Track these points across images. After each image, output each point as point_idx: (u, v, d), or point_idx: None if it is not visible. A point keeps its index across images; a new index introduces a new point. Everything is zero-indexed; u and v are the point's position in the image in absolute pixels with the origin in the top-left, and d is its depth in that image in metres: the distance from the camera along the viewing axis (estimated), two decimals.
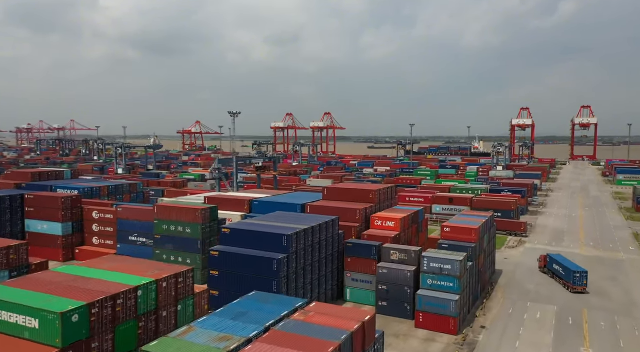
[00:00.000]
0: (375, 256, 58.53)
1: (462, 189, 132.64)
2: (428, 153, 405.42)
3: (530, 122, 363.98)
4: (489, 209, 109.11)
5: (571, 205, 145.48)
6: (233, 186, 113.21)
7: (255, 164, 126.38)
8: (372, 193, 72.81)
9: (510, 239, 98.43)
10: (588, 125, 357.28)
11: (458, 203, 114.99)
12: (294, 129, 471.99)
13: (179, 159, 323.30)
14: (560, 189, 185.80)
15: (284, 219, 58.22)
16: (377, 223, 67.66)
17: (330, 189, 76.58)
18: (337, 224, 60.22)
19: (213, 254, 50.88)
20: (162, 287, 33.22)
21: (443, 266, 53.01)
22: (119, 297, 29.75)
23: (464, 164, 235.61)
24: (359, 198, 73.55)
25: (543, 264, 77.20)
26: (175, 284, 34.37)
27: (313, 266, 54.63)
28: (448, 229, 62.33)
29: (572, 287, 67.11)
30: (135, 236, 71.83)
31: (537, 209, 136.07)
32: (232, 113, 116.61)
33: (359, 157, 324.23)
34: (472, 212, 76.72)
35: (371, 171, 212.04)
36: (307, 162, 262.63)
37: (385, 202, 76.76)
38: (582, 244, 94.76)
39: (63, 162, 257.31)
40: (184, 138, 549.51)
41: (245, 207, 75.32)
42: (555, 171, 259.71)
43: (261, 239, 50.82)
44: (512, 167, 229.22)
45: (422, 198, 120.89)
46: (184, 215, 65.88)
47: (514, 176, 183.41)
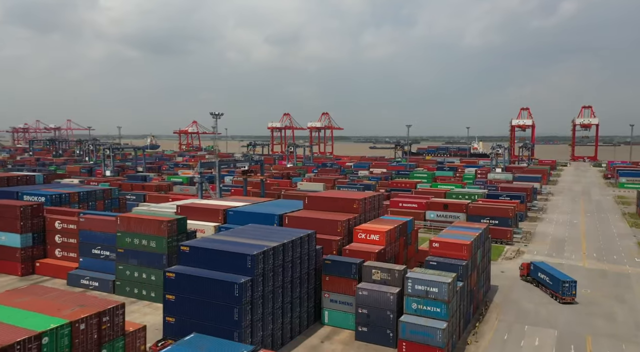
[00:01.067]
0: (355, 274, 52.70)
1: (458, 193, 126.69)
2: (427, 154, 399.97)
3: (531, 122, 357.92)
4: (485, 217, 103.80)
5: (572, 210, 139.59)
6: (216, 192, 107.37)
7: (241, 168, 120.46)
8: (356, 202, 66.99)
9: (507, 249, 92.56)
10: (589, 126, 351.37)
11: (453, 209, 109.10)
12: (291, 129, 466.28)
13: (172, 160, 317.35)
14: (561, 192, 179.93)
15: (254, 234, 52.40)
16: (360, 236, 61.85)
17: (311, 198, 70.70)
18: (313, 239, 54.40)
19: (169, 276, 45.07)
20: (79, 330, 27.38)
21: (429, 288, 47.17)
22: (11, 349, 23.91)
23: (462, 166, 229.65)
24: (342, 208, 67.78)
25: (525, 273, 73.37)
26: (98, 324, 28.56)
27: (285, 288, 48.81)
28: (437, 245, 56.47)
29: (561, 298, 63.23)
30: (99, 249, 66.16)
31: (537, 215, 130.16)
32: (215, 114, 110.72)
33: (356, 158, 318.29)
34: (464, 223, 70.85)
35: (366, 173, 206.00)
36: (302, 164, 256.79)
37: (372, 211, 70.96)
38: (584, 255, 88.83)
39: (52, 164, 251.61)
40: (180, 138, 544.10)
41: (220, 217, 69.49)
42: (556, 173, 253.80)
43: (223, 259, 45.01)
44: (511, 169, 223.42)
45: (416, 204, 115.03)
46: (148, 227, 60.14)
47: (512, 178, 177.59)
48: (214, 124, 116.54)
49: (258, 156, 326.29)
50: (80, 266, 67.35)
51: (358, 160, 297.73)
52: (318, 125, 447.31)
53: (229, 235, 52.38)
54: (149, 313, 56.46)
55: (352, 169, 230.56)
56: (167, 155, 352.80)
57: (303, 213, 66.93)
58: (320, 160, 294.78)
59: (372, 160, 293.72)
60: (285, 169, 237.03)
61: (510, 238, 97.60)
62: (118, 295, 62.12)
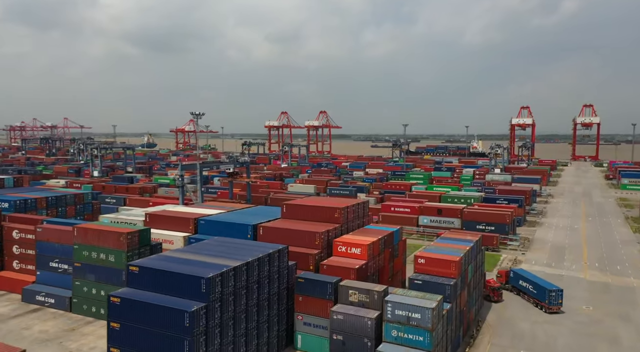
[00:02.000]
0: (331, 295, 47.21)
1: (454, 197, 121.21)
2: (425, 153, 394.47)
3: (531, 121, 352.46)
4: (480, 223, 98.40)
5: (573, 214, 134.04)
6: (197, 196, 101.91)
7: (226, 170, 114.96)
8: (338, 212, 61.48)
9: (503, 259, 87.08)
10: (590, 125, 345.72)
11: (447, 215, 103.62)
12: (288, 128, 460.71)
13: (165, 159, 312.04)
14: (562, 194, 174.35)
15: (217, 250, 46.96)
16: (340, 249, 56.33)
17: (289, 206, 65.16)
18: (285, 255, 48.94)
19: (113, 300, 39.65)
20: None
21: (411, 314, 41.74)
22: None
23: (459, 167, 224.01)
24: (322, 217, 62.29)
25: (504, 280, 69.67)
26: None
27: (249, 312, 43.38)
28: (422, 261, 51.01)
29: (547, 307, 61.00)
30: (57, 262, 60.73)
31: (536, 219, 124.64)
32: (195, 114, 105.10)
33: (353, 157, 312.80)
34: (455, 233, 64.98)
35: (361, 174, 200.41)
36: (296, 164, 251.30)
37: (355, 220, 65.48)
38: (586, 265, 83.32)
39: (40, 164, 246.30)
40: (177, 137, 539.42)
41: (191, 226, 64.01)
42: (556, 173, 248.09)
43: (175, 282, 39.60)
44: (510, 169, 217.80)
45: (409, 208, 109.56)
46: (106, 239, 54.73)
47: (511, 180, 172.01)
48: (196, 124, 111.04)
49: (251, 155, 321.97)
50: (37, 281, 61.99)
51: (355, 159, 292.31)
52: (316, 124, 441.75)
53: (188, 252, 46.90)
54: (104, 336, 51.00)
55: (348, 169, 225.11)
56: (162, 155, 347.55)
57: (279, 223, 61.44)
58: (316, 160, 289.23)
59: (369, 159, 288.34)
60: (280, 169, 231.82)
61: (496, 245, 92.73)
62: (75, 313, 56.84)
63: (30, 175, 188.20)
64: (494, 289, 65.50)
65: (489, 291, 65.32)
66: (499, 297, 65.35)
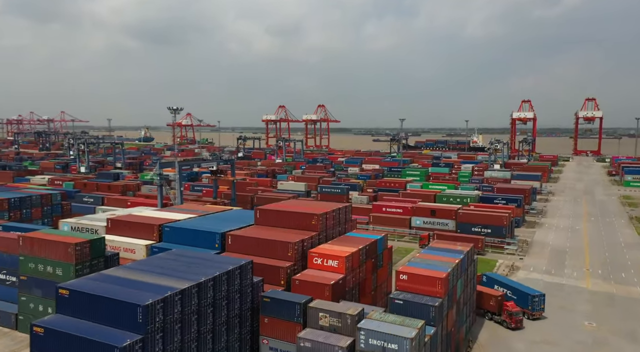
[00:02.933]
0: (299, 317, 41.52)
1: (449, 196, 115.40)
2: (425, 147, 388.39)
3: (532, 115, 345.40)
4: (476, 225, 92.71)
5: (574, 213, 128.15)
6: (176, 197, 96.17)
7: (209, 168, 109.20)
8: (315, 218, 55.67)
9: (499, 265, 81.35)
10: (593, 119, 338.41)
11: (441, 216, 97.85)
12: (286, 122, 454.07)
13: (159, 154, 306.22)
14: (563, 191, 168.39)
15: (170, 267, 41.20)
16: (316, 261, 50.63)
17: (263, 212, 59.36)
18: (249, 271, 43.18)
19: (36, 331, 33.97)
20: None
21: (387, 344, 36.07)
22: None
23: (458, 162, 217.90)
24: (298, 224, 56.51)
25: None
26: None
27: (203, 339, 37.71)
28: (404, 277, 45.30)
29: (531, 314, 58.24)
30: (4, 273, 55.11)
31: (536, 219, 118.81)
32: (172, 109, 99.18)
33: (350, 152, 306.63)
34: (443, 243, 58.67)
35: (357, 171, 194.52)
36: (291, 159, 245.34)
37: (336, 227, 59.67)
38: (588, 272, 77.57)
39: (29, 158, 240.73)
40: (174, 131, 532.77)
41: (155, 234, 58.33)
42: (557, 169, 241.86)
43: (109, 309, 33.88)
44: (510, 165, 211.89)
45: (401, 209, 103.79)
46: (54, 250, 49.07)
47: (511, 177, 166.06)
48: (173, 119, 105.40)
49: (247, 150, 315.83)
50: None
51: (352, 154, 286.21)
52: (314, 117, 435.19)
53: (135, 269, 41.11)
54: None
55: (344, 165, 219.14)
56: (156, 149, 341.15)
57: (250, 231, 55.69)
58: (312, 155, 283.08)
59: (367, 154, 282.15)
60: (274, 164, 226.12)
61: (482, 248, 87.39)
62: (21, 332, 51.26)
63: (15, 171, 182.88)
64: (512, 314, 56.38)
65: (506, 316, 56.79)
66: (518, 324, 56.13)
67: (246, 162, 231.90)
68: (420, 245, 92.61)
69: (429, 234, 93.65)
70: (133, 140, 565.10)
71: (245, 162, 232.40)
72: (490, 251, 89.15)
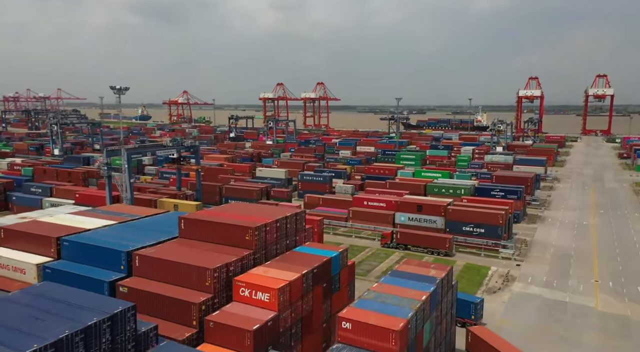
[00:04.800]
0: None
1: (441, 186, 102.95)
2: (427, 126, 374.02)
3: (539, 93, 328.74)
4: (468, 224, 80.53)
5: (582, 204, 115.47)
6: (125, 190, 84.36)
7: (169, 155, 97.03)
8: (250, 232, 43.58)
9: (492, 273, 69.32)
10: (604, 97, 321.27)
11: (428, 212, 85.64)
12: (284, 100, 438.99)
13: (149, 134, 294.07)
14: (569, 177, 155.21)
15: (15, 317, 29.48)
16: (243, 292, 38.76)
17: (189, 222, 47.29)
18: (131, 320, 31.42)
19: None
20: None
21: None
22: None
23: (458, 144, 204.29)
24: (229, 239, 44.48)
25: None
26: None
27: None
28: (348, 325, 33.40)
29: (472, 322, 52.20)
30: None
31: (538, 212, 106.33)
32: (116, 88, 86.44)
33: (348, 132, 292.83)
34: (412, 265, 45.10)
35: (348, 154, 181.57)
36: (282, 141, 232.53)
37: (282, 240, 47.58)
38: (597, 285, 65.42)
39: (7, 139, 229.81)
40: (170, 109, 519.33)
41: (52, 248, 46.58)
42: (564, 151, 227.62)
43: None
44: (513, 147, 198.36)
45: (384, 203, 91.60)
46: None
47: (513, 161, 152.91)
48: (118, 100, 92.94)
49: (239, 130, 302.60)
50: None
51: (350, 134, 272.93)
52: (312, 95, 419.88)
53: None
54: None
55: (337, 147, 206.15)
56: (147, 129, 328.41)
57: (165, 249, 43.71)
58: (305, 136, 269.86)
59: (364, 135, 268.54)
60: (264, 146, 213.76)
61: (450, 248, 77.01)
62: None
63: None
64: None
65: None
66: None
67: (233, 145, 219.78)
68: (382, 244, 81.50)
69: (392, 232, 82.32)
70: (130, 118, 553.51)
71: (232, 144, 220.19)
72: (483, 255, 77.25)
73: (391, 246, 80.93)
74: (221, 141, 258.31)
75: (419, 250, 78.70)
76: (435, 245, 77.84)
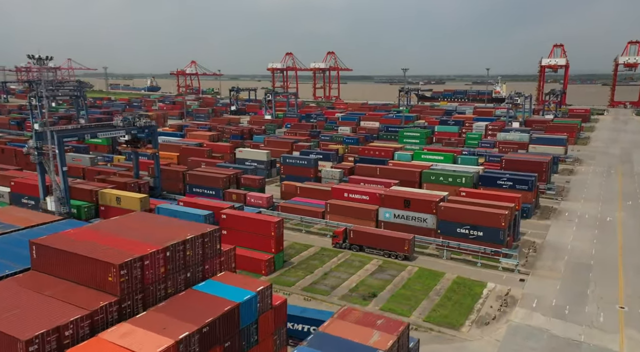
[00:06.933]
0: None
1: (439, 174, 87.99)
2: (442, 98, 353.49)
3: (564, 62, 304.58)
4: (464, 225, 66.11)
5: (606, 193, 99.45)
6: (57, 180, 71.46)
7: (119, 137, 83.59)
8: (114, 271, 30.10)
9: (487, 294, 55.09)
10: (636, 65, 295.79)
11: (417, 208, 71.25)
12: (293, 71, 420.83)
13: (148, 107, 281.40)
14: (593, 158, 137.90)
15: None
16: None
17: (41, 249, 34.07)
18: None
19: None
20: None
21: None
22: None
23: (471, 119, 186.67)
24: (89, 277, 31.24)
25: None
26: None
27: None
28: None
29: None
30: None
31: (553, 205, 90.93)
32: (36, 58, 71.92)
33: (356, 105, 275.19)
34: (349, 321, 31.68)
35: (348, 131, 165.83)
36: (282, 115, 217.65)
37: (179, 273, 34.18)
38: (622, 314, 50.82)
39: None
40: (179, 79, 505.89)
41: None
42: (589, 126, 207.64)
43: None
44: (531, 123, 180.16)
45: (367, 195, 77.29)
46: None
47: (529, 140, 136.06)
48: (40, 74, 79.49)
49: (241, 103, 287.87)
50: None
51: (357, 108, 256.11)
52: (322, 66, 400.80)
53: None
54: None
55: (339, 122, 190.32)
56: (148, 101, 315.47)
57: None
58: (310, 109, 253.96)
59: (372, 108, 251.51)
60: (262, 121, 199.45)
61: (409, 251, 64.18)
62: None
63: None
64: None
65: None
66: None
67: (226, 119, 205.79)
68: (333, 244, 68.51)
69: (345, 230, 68.84)
70: (140, 89, 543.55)
71: (225, 119, 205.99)
72: (480, 264, 63.03)
73: (344, 247, 68.09)
74: (219, 115, 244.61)
75: (375, 252, 66.30)
76: (393, 247, 64.93)
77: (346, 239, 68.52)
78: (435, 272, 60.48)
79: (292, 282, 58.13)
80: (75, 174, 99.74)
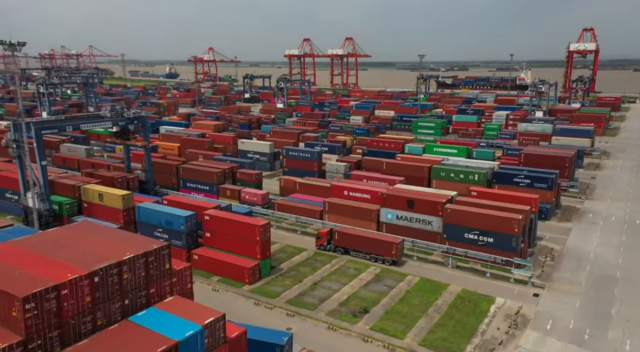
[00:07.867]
0: None
1: (450, 170, 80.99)
2: (463, 85, 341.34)
3: (594, 47, 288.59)
4: (472, 230, 59.40)
5: (636, 192, 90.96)
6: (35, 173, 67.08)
7: (108, 128, 78.79)
8: (17, 307, 24.68)
9: (496, 311, 48.47)
10: None
11: (422, 209, 64.64)
12: (311, 57, 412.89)
13: (162, 95, 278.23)
14: (622, 151, 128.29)
15: None
16: None
17: None
18: None
19: None
20: None
21: None
22: None
23: (491, 108, 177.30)
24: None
25: None
26: None
27: None
28: None
29: None
30: None
31: (575, 204, 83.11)
32: (8, 43, 66.87)
33: (372, 93, 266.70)
34: None
35: (359, 121, 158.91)
36: (295, 103, 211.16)
37: (113, 302, 28.73)
38: None
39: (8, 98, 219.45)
40: (196, 66, 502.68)
41: None
42: (619, 115, 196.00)
43: None
44: (556, 112, 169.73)
45: (369, 194, 70.89)
46: None
47: (552, 131, 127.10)
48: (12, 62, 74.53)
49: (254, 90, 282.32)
50: None
51: (373, 96, 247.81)
52: (340, 52, 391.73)
53: None
54: None
55: (352, 111, 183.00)
56: (163, 88, 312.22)
57: None
58: (325, 97, 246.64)
59: (389, 97, 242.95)
60: (274, 110, 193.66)
61: (397, 256, 58.84)
62: None
63: None
64: None
65: None
66: None
67: (236, 107, 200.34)
68: (317, 246, 63.83)
69: (330, 230, 62.95)
70: (159, 76, 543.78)
71: (235, 108, 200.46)
72: (489, 275, 56.40)
73: (328, 249, 62.70)
74: (232, 103, 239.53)
75: (361, 256, 60.88)
76: (380, 251, 59.50)
77: (331, 240, 62.91)
78: (438, 284, 54.13)
79: (276, 293, 52.49)
80: (71, 166, 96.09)
